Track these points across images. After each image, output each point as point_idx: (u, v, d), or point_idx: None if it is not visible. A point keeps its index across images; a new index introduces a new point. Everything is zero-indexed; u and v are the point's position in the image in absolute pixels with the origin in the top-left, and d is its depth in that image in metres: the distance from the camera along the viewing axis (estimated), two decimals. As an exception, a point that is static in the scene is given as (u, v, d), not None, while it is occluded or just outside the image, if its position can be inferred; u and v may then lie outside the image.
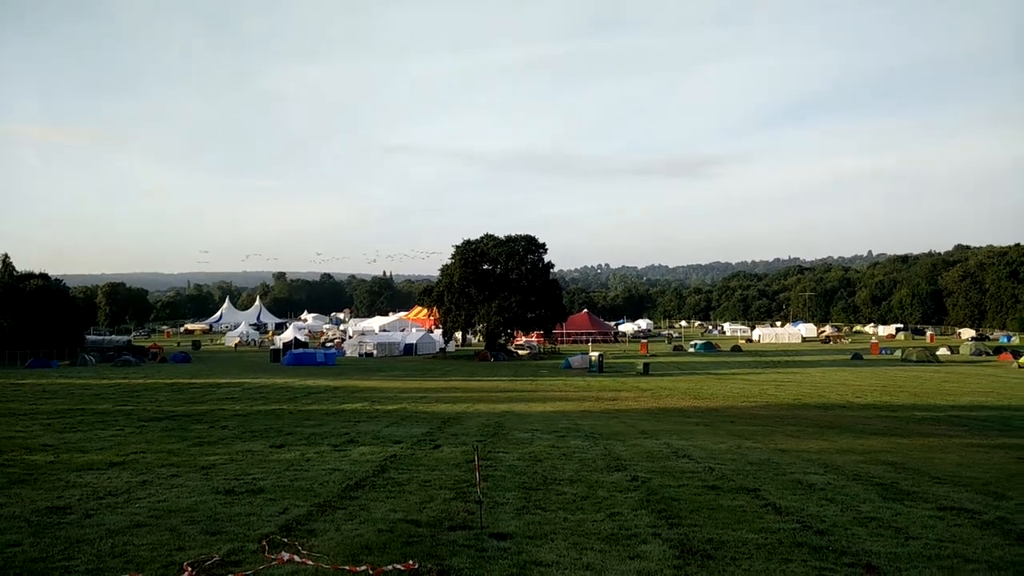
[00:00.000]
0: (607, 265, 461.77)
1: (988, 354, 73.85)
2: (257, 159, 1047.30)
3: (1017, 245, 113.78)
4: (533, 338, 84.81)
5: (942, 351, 74.80)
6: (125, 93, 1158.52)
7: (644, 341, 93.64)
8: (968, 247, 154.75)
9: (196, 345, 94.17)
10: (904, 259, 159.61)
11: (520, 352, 77.32)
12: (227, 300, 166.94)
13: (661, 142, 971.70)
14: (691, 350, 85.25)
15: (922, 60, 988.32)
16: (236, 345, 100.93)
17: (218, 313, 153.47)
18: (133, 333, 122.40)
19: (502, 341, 76.16)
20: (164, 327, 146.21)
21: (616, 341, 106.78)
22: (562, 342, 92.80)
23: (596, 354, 57.81)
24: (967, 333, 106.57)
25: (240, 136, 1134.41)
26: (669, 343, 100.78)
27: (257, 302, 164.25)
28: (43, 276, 74.60)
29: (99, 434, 17.59)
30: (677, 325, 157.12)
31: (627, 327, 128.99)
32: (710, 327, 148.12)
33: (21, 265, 76.53)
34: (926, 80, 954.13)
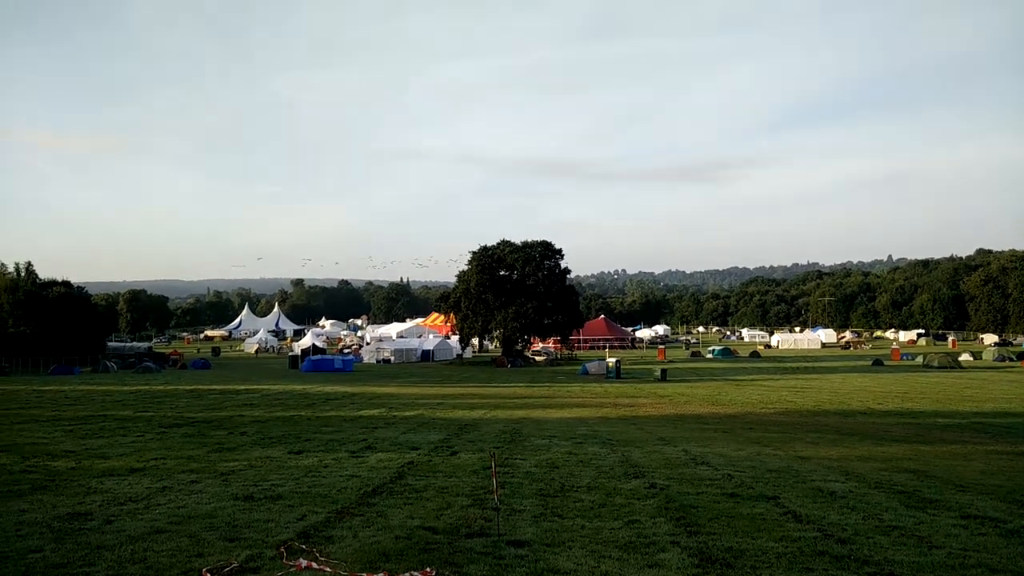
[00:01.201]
0: (623, 270, 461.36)
1: (1011, 360, 72.83)
2: (271, 165, 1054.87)
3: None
4: (550, 344, 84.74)
5: (964, 357, 73.86)
6: (142, 101, 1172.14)
7: (661, 347, 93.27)
8: (990, 251, 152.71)
9: (216, 352, 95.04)
10: (925, 264, 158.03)
11: (537, 358, 77.28)
12: (246, 307, 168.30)
13: (675, 146, 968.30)
14: (709, 356, 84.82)
15: (940, 60, 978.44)
16: (255, 351, 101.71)
17: (237, 320, 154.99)
18: (154, 340, 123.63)
19: (519, 347, 76.18)
20: (184, 334, 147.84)
21: (633, 347, 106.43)
22: (579, 348, 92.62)
23: (613, 360, 57.68)
24: (990, 338, 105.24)
25: (254, 142, 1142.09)
26: (687, 349, 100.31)
27: (276, 309, 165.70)
28: (65, 283, 75.65)
29: (120, 440, 17.75)
30: (695, 331, 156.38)
31: (644, 333, 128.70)
32: (728, 333, 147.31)
33: (44, 272, 77.76)
34: (945, 81, 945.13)
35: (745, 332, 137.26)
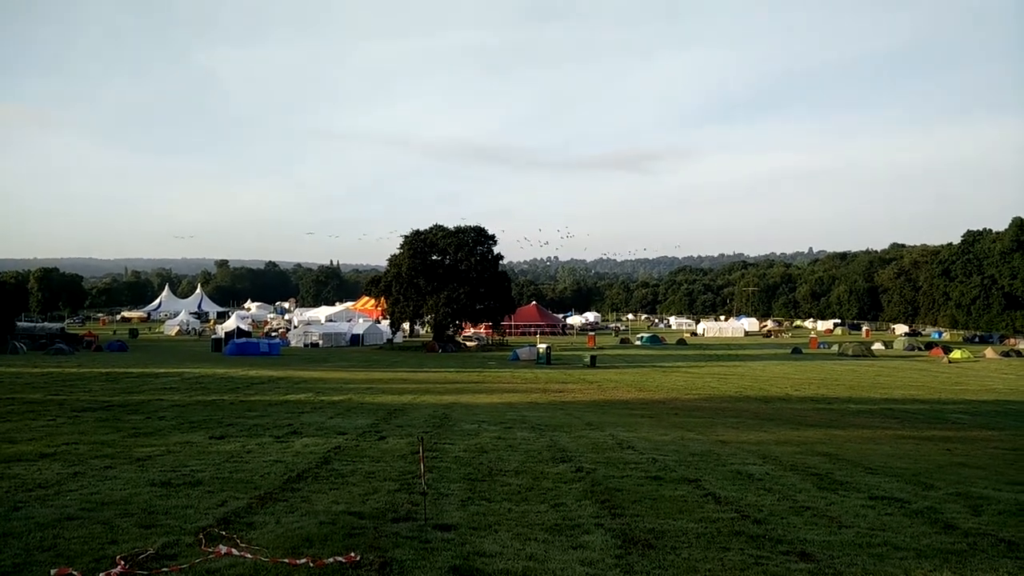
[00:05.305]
0: (556, 258, 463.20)
1: (920, 349, 76.72)
2: (195, 142, 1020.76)
3: (949, 244, 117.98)
4: (481, 330, 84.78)
5: (877, 346, 77.39)
6: (61, 71, 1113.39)
7: (592, 334, 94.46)
8: (903, 246, 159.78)
9: (133, 333, 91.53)
10: (843, 256, 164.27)
11: (468, 344, 77.25)
12: (167, 288, 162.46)
13: (609, 136, 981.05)
14: (638, 343, 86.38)
15: (861, 59, 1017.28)
16: (176, 334, 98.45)
17: (157, 301, 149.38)
18: (67, 320, 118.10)
19: (450, 332, 75.96)
20: (100, 314, 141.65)
21: (564, 333, 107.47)
22: (510, 334, 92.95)
23: (544, 346, 58.16)
24: (901, 329, 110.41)
25: (175, 118, 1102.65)
26: (616, 336, 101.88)
27: (198, 290, 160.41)
28: (-30, 260, 71.50)
29: (29, 424, 16.95)
30: (624, 318, 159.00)
31: (575, 319, 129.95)
32: (656, 320, 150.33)
33: (-53, 248, 73.26)
34: (869, 78, 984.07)
35: (673, 320, 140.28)
